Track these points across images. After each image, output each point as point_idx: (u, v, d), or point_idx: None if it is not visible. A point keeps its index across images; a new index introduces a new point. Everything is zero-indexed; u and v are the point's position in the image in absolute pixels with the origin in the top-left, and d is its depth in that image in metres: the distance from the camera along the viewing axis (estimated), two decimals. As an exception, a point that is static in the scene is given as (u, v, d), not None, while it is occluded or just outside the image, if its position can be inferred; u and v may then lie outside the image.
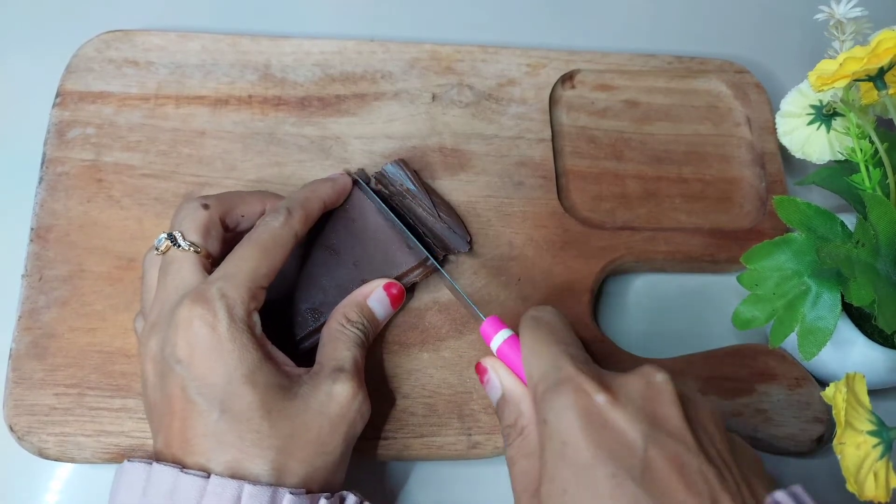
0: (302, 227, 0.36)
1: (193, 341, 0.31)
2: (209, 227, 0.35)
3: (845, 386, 0.31)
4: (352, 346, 0.35)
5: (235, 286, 0.32)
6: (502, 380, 0.34)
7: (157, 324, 0.33)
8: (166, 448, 0.31)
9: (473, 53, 0.48)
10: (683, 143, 0.48)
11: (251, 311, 0.33)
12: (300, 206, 0.37)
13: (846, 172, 0.38)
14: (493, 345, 0.35)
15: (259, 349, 0.32)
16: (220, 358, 0.31)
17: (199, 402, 0.31)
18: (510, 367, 0.34)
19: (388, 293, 0.38)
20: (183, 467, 0.30)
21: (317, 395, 0.33)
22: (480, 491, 0.39)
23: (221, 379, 0.31)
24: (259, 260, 0.34)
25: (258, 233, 0.35)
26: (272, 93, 0.45)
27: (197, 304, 0.31)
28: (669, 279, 0.46)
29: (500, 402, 0.34)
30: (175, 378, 0.31)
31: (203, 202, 0.36)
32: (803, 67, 0.38)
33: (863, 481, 0.30)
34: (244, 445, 0.30)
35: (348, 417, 0.33)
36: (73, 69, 0.44)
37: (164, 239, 0.34)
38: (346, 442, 0.33)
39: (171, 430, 0.31)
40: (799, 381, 0.41)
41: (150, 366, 0.33)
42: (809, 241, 0.37)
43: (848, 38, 0.39)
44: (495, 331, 0.35)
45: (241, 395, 0.31)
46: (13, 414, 0.36)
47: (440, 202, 0.42)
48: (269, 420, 0.31)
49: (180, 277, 0.34)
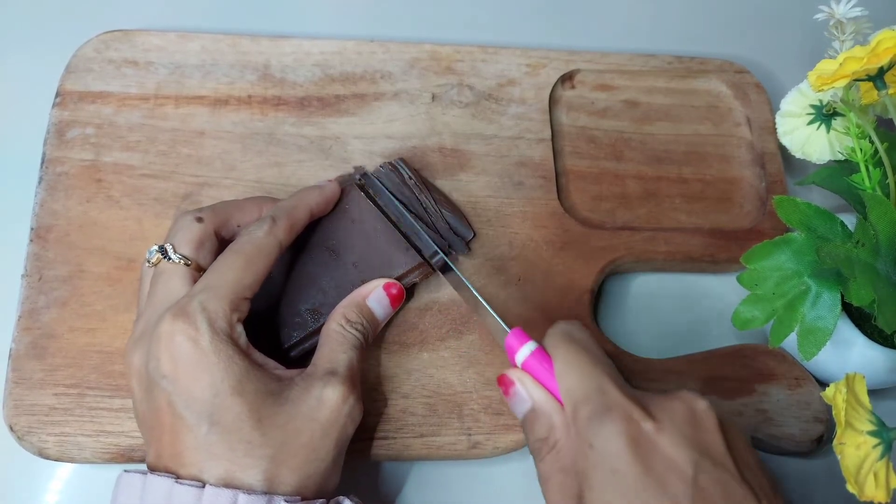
0: (286, 236, 0.36)
1: (177, 356, 0.31)
2: (203, 240, 0.35)
3: (845, 386, 0.31)
4: (348, 349, 0.35)
5: (217, 298, 0.32)
6: (531, 393, 0.33)
7: (141, 337, 0.33)
8: (158, 460, 0.31)
9: (473, 53, 0.48)
10: (683, 143, 0.48)
11: (234, 323, 0.32)
12: (285, 215, 0.36)
13: (846, 172, 0.38)
14: (518, 357, 0.34)
15: (245, 359, 0.32)
16: (206, 371, 0.31)
17: (186, 416, 0.30)
18: (538, 379, 0.34)
19: (387, 293, 0.38)
20: (178, 478, 0.30)
21: (308, 399, 0.32)
22: (480, 491, 0.39)
23: (208, 392, 0.31)
24: (242, 270, 0.33)
25: (241, 242, 0.34)
26: (272, 93, 0.45)
27: (178, 319, 0.31)
28: (669, 279, 0.46)
29: (528, 416, 0.33)
30: (161, 392, 0.31)
31: (197, 215, 0.36)
32: (803, 67, 0.38)
33: (863, 481, 0.30)
34: (236, 456, 0.30)
35: (339, 422, 0.33)
36: (73, 69, 0.44)
37: (156, 251, 0.34)
38: (338, 447, 0.33)
39: (162, 443, 0.31)
40: (799, 381, 0.41)
41: (135, 380, 0.33)
42: (809, 241, 0.37)
43: (848, 38, 0.39)
44: (521, 343, 0.34)
45: (229, 406, 0.31)
46: (13, 414, 0.36)
47: (442, 199, 0.42)
48: (261, 429, 0.31)
49: (168, 290, 0.33)
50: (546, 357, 0.33)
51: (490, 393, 0.39)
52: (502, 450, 0.38)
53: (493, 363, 0.40)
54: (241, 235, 0.35)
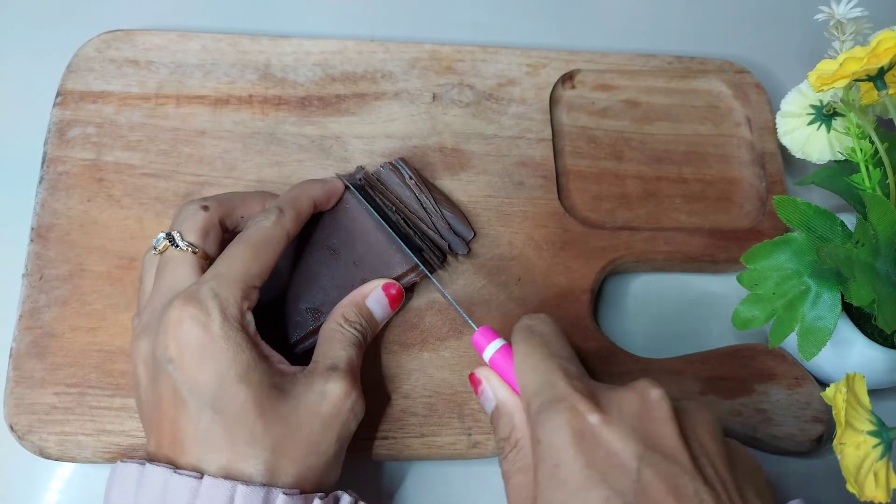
0: (294, 226, 0.36)
1: (185, 341, 0.31)
2: (208, 229, 0.35)
3: (845, 386, 0.31)
4: (347, 346, 0.35)
5: (228, 285, 0.32)
6: (496, 391, 0.34)
7: (149, 324, 0.33)
8: (158, 449, 0.31)
9: (473, 53, 0.48)
10: (683, 143, 0.48)
11: (244, 311, 0.32)
12: (291, 206, 0.36)
13: (846, 172, 0.38)
14: (485, 355, 0.35)
15: (253, 348, 0.32)
16: (213, 357, 0.31)
17: (190, 402, 0.30)
18: (504, 377, 0.34)
19: (386, 294, 0.38)
20: (176, 468, 0.30)
21: (310, 393, 0.32)
22: (480, 491, 0.39)
23: (214, 379, 0.31)
24: (251, 259, 0.33)
25: (249, 232, 0.35)
26: (272, 92, 0.45)
27: (189, 304, 0.31)
28: (669, 279, 0.46)
29: (493, 414, 0.34)
30: (166, 379, 0.31)
31: (203, 204, 0.36)
32: (803, 67, 0.38)
33: (863, 482, 0.30)
34: (237, 446, 0.30)
35: (341, 417, 0.33)
36: (74, 69, 0.45)
37: (163, 239, 0.34)
38: (340, 441, 0.33)
39: (163, 431, 0.31)
40: (799, 380, 0.41)
41: (141, 367, 0.33)
42: (809, 241, 0.37)
43: (848, 38, 0.39)
44: (487, 341, 0.34)
45: (234, 394, 0.31)
46: (14, 413, 0.36)
47: (442, 199, 0.43)
48: (263, 420, 0.31)
49: (176, 277, 0.33)
50: (511, 354, 0.34)
51: (490, 392, 0.39)
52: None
53: (494, 363, 0.40)
54: (248, 226, 0.35)
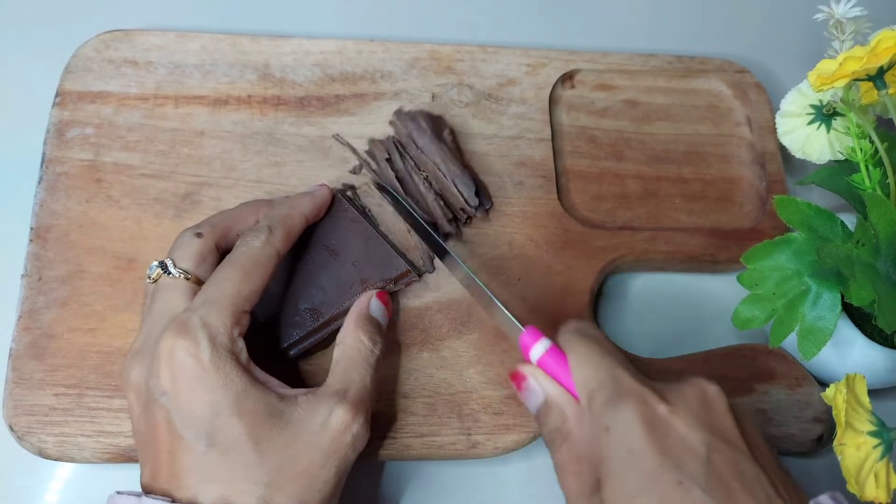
0: (284, 245, 0.36)
1: (177, 372, 0.31)
2: (204, 255, 0.35)
3: (845, 386, 0.31)
4: (364, 367, 0.35)
5: (217, 312, 0.32)
6: (544, 386, 0.34)
7: (140, 352, 0.32)
8: (153, 481, 0.31)
9: (473, 53, 0.48)
10: (683, 143, 0.48)
11: (235, 338, 0.32)
12: (281, 224, 0.36)
13: (846, 172, 0.38)
14: (533, 354, 0.35)
15: (244, 375, 0.31)
16: (205, 388, 0.30)
17: (185, 434, 0.30)
18: (551, 374, 0.35)
19: (382, 301, 0.38)
20: (172, 500, 0.29)
21: (311, 419, 0.32)
22: (480, 491, 0.39)
23: (207, 410, 0.30)
24: (241, 282, 0.33)
25: (239, 254, 0.34)
26: (271, 92, 0.45)
27: (179, 335, 0.31)
28: (669, 279, 0.46)
29: (542, 408, 0.34)
30: (159, 409, 0.31)
31: (196, 231, 0.36)
32: (803, 67, 0.38)
33: (863, 482, 0.30)
34: (232, 479, 0.30)
35: (341, 451, 0.32)
36: (73, 69, 0.44)
37: (156, 267, 0.34)
38: (339, 475, 0.32)
39: (159, 462, 0.31)
40: (799, 381, 0.41)
41: (133, 395, 0.32)
42: (809, 241, 0.37)
43: (848, 38, 0.39)
44: (535, 340, 0.35)
45: (228, 426, 0.30)
46: (13, 414, 0.36)
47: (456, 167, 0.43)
48: (259, 451, 0.30)
49: (167, 304, 0.33)
50: (558, 354, 0.34)
51: (490, 393, 0.39)
52: (502, 450, 0.38)
53: (493, 363, 0.40)
54: (238, 246, 0.35)
